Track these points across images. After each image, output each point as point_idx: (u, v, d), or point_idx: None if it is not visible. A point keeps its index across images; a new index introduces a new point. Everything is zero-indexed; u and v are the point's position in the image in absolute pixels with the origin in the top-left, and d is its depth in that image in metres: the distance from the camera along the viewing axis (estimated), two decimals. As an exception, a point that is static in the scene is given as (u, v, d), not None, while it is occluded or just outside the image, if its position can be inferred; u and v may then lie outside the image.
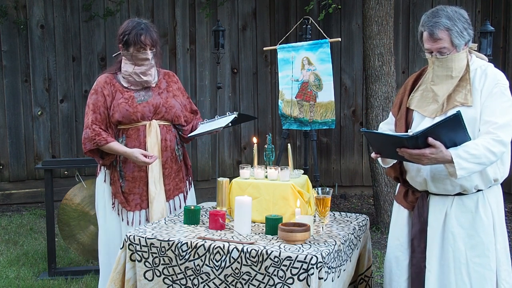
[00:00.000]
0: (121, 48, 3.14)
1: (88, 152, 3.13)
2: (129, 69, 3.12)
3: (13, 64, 6.25)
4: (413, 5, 6.59)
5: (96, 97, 3.11)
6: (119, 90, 3.12)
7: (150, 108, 3.11)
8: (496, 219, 2.56)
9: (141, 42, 3.06)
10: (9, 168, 6.33)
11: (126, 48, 3.10)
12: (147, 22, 3.15)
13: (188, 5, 6.68)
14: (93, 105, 3.11)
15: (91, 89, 3.17)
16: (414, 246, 2.63)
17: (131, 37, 3.06)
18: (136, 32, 3.06)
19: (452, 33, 2.46)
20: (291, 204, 2.71)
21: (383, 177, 5.27)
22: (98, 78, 3.19)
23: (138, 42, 3.06)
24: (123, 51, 3.13)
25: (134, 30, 3.07)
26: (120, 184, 3.11)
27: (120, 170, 3.11)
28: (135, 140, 3.09)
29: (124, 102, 3.09)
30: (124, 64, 3.14)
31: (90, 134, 3.07)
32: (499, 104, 2.45)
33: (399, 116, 2.71)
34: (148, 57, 3.10)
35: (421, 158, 2.36)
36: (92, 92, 3.15)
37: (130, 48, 3.08)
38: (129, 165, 3.10)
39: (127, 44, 3.08)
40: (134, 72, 3.11)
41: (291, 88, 4.73)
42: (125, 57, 3.13)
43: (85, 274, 4.28)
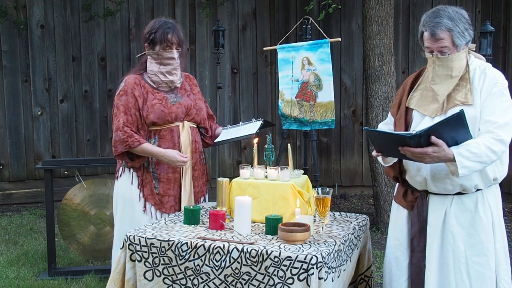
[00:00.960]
0: (147, 47, 3.10)
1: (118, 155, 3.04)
2: (154, 68, 3.08)
3: (13, 64, 6.25)
4: (413, 5, 6.59)
5: (126, 98, 3.03)
6: (149, 91, 3.07)
7: (182, 109, 3.10)
8: (495, 218, 2.57)
9: (168, 41, 3.04)
10: (9, 168, 6.33)
11: (152, 47, 3.07)
12: (173, 22, 3.13)
13: (188, 5, 6.68)
14: (124, 107, 3.02)
15: (119, 89, 3.08)
16: (414, 246, 2.63)
17: (157, 35, 3.04)
18: (163, 31, 3.04)
19: (454, 34, 2.47)
20: (291, 204, 2.70)
21: (383, 177, 5.27)
22: (126, 78, 3.11)
23: (165, 41, 3.04)
24: (149, 50, 3.09)
25: (161, 28, 3.05)
26: (154, 186, 3.06)
27: (153, 171, 3.06)
28: (169, 141, 3.06)
29: (158, 103, 3.05)
30: (150, 63, 3.10)
31: (122, 137, 2.99)
32: (499, 103, 2.46)
33: (398, 116, 2.71)
34: (174, 56, 3.07)
35: (423, 156, 2.37)
36: (121, 94, 3.06)
37: (156, 46, 3.06)
38: (162, 166, 3.06)
39: (154, 43, 3.06)
40: (160, 71, 3.07)
41: (291, 88, 4.73)
42: (151, 56, 3.09)
43: (85, 274, 4.28)
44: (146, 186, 3.06)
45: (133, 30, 6.56)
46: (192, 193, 3.14)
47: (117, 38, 6.53)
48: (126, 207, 3.09)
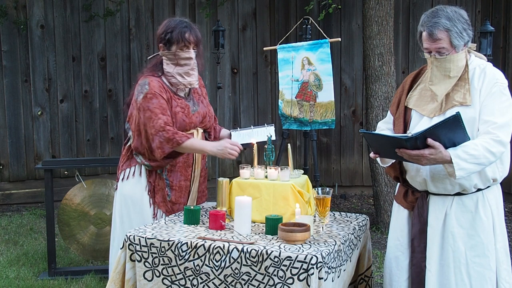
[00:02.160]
0: (162, 47, 3.01)
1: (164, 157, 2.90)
2: (171, 69, 2.99)
3: (13, 64, 6.25)
4: (413, 5, 6.59)
5: (158, 101, 2.90)
6: (172, 96, 2.99)
7: (200, 118, 3.07)
8: (496, 218, 2.56)
9: (185, 40, 2.95)
10: (9, 168, 6.33)
11: (168, 47, 2.98)
12: (189, 21, 3.05)
13: (188, 5, 6.68)
14: (159, 109, 2.89)
15: (145, 92, 2.92)
16: (414, 246, 2.63)
17: (174, 34, 2.95)
18: (180, 30, 2.95)
19: (452, 34, 2.46)
20: (291, 204, 2.70)
21: (383, 177, 5.27)
22: (149, 81, 2.95)
23: (182, 40, 2.95)
24: (164, 50, 3.00)
25: (177, 27, 2.96)
26: (166, 193, 3.02)
27: (166, 178, 3.01)
28: None
29: (181, 111, 2.98)
30: (166, 65, 3.01)
31: (166, 135, 2.85)
32: (498, 103, 2.45)
33: (397, 115, 2.71)
34: (191, 56, 2.99)
35: (420, 158, 2.36)
36: (149, 97, 2.90)
37: (173, 46, 2.97)
38: (175, 174, 3.02)
39: (170, 43, 2.96)
40: (177, 73, 2.98)
41: (291, 88, 4.73)
42: (166, 57, 3.00)
43: (85, 274, 4.28)
44: (158, 193, 3.01)
45: (133, 30, 6.56)
46: (196, 198, 3.15)
47: (117, 38, 6.53)
48: (133, 211, 3.02)
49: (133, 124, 2.99)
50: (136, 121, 2.97)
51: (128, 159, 3.06)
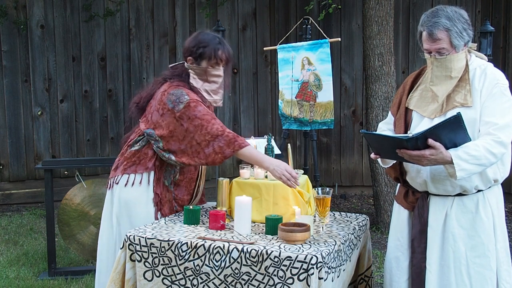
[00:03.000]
0: (191, 61, 2.91)
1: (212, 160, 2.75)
2: (198, 85, 2.91)
3: (13, 64, 6.25)
4: (413, 5, 6.59)
5: (203, 107, 2.80)
6: None
7: None
8: (497, 219, 2.56)
9: (218, 57, 2.88)
10: (9, 168, 6.33)
11: (199, 62, 2.89)
12: (221, 36, 2.98)
13: (188, 5, 6.68)
14: (209, 114, 2.78)
15: (188, 101, 2.78)
16: (415, 247, 2.62)
17: (207, 50, 2.86)
18: (214, 47, 2.87)
19: (452, 34, 2.46)
20: (291, 204, 2.70)
21: (383, 177, 5.27)
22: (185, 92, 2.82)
23: (215, 57, 2.87)
24: (193, 64, 2.91)
25: (211, 43, 2.88)
26: (173, 205, 2.97)
27: (172, 191, 2.96)
28: None
29: None
30: (193, 79, 2.92)
31: (227, 138, 2.72)
32: (499, 104, 2.44)
33: (398, 116, 2.70)
34: (221, 74, 2.93)
35: (421, 159, 2.36)
36: (193, 105, 2.78)
37: (203, 62, 2.88)
38: (181, 188, 2.97)
39: (201, 58, 2.87)
40: (204, 89, 2.91)
41: (291, 88, 4.73)
42: (194, 71, 2.91)
43: (85, 274, 4.28)
44: (165, 205, 2.94)
45: (133, 30, 6.56)
46: None
47: (117, 38, 6.54)
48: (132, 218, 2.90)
49: (165, 130, 2.83)
50: (171, 128, 2.81)
51: (133, 164, 2.92)
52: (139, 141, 2.94)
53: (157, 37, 6.64)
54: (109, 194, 3.01)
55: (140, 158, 2.92)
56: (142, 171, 2.90)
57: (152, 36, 6.61)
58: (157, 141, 2.86)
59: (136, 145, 2.94)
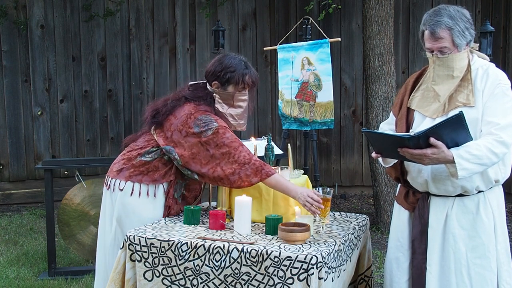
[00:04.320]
0: (216, 85, 2.87)
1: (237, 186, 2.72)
2: (223, 110, 2.87)
3: (13, 64, 6.25)
4: (413, 5, 6.59)
5: (232, 134, 2.76)
6: None
7: None
8: (497, 220, 2.55)
9: (245, 83, 2.85)
10: (9, 168, 6.33)
11: (225, 87, 2.86)
12: (246, 60, 2.93)
13: (188, 5, 6.68)
14: (237, 141, 2.74)
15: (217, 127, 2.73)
16: (415, 248, 2.62)
17: (235, 75, 2.83)
18: (242, 72, 2.84)
19: (454, 33, 2.45)
20: (291, 204, 2.70)
21: (383, 177, 5.27)
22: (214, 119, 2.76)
23: (242, 82, 2.84)
24: (218, 89, 2.87)
25: (239, 69, 2.85)
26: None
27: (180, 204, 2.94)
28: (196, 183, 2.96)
29: None
30: (218, 103, 2.88)
31: (254, 167, 2.68)
32: (501, 104, 2.43)
33: (399, 116, 2.70)
34: (247, 99, 2.91)
35: (422, 158, 2.35)
36: (222, 132, 2.72)
37: (230, 87, 2.86)
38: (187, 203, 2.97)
39: (228, 83, 2.84)
40: (229, 114, 2.87)
41: (290, 88, 4.73)
42: (220, 96, 2.87)
43: (85, 274, 4.28)
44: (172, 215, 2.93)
45: (133, 30, 6.56)
46: None
47: (117, 38, 6.53)
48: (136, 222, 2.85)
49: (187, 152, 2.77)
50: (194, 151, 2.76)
51: (140, 173, 2.86)
52: (151, 152, 2.88)
53: (157, 37, 6.64)
54: (108, 196, 2.95)
55: (149, 170, 2.86)
56: (149, 182, 2.85)
57: (152, 36, 6.61)
58: (176, 159, 2.81)
59: (148, 155, 2.88)
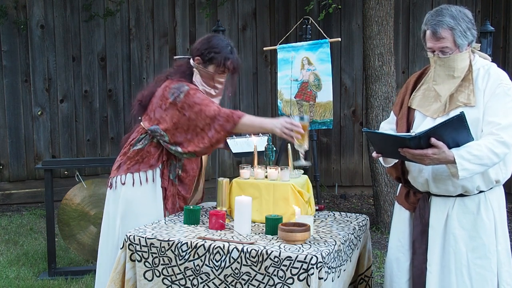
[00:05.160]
0: (199, 61, 2.96)
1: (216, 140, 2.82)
2: (198, 83, 2.96)
3: (13, 64, 6.25)
4: (413, 5, 6.59)
5: (202, 94, 2.87)
6: None
7: None
8: (498, 220, 2.55)
9: (226, 67, 2.94)
10: (9, 168, 6.33)
11: (206, 65, 2.95)
12: (233, 45, 3.00)
13: (188, 5, 6.68)
14: (207, 99, 2.85)
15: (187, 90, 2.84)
16: (415, 248, 2.62)
17: (218, 57, 2.91)
18: (225, 55, 2.92)
19: (455, 33, 2.45)
20: (291, 204, 2.70)
21: (383, 177, 5.27)
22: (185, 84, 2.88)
23: (223, 66, 2.93)
24: (200, 64, 2.96)
25: (223, 51, 2.93)
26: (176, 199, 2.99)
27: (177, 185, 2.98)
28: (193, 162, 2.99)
29: None
30: (195, 76, 2.98)
31: (224, 115, 2.80)
32: (502, 104, 2.43)
33: (400, 115, 2.70)
34: (223, 82, 2.99)
35: (423, 158, 2.35)
36: (192, 92, 2.84)
37: (210, 66, 2.94)
38: (185, 186, 3.00)
39: (210, 62, 2.93)
40: (203, 89, 2.96)
41: (290, 88, 4.73)
42: (199, 71, 2.97)
43: (85, 274, 4.28)
44: (169, 199, 2.96)
45: (133, 30, 6.56)
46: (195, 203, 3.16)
47: (117, 38, 6.54)
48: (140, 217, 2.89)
49: (169, 124, 2.86)
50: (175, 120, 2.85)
51: (137, 163, 2.92)
52: (141, 140, 2.95)
53: (157, 37, 6.64)
54: (112, 194, 2.97)
55: (143, 157, 2.93)
56: (146, 169, 2.92)
57: (152, 36, 6.61)
58: (162, 136, 2.88)
59: (138, 143, 2.95)
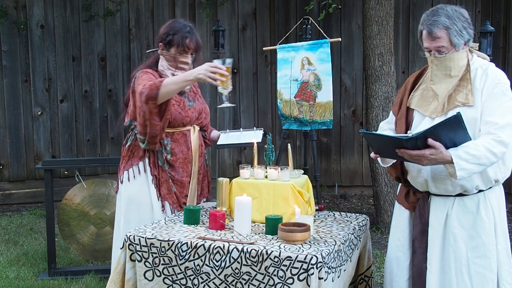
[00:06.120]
0: (162, 47, 3.06)
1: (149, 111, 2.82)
2: (165, 69, 3.05)
3: (13, 64, 6.25)
4: (413, 5, 6.59)
5: (148, 75, 2.94)
6: None
7: (195, 114, 3.08)
8: (497, 219, 2.55)
9: (186, 46, 3.00)
10: (9, 168, 6.33)
11: (168, 48, 3.03)
12: (192, 25, 3.08)
13: (188, 5, 6.68)
14: (147, 80, 2.89)
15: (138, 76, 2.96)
16: (415, 247, 2.62)
17: (176, 38, 2.99)
18: (182, 35, 3.00)
19: (451, 32, 2.46)
20: (291, 204, 2.70)
21: (383, 177, 5.27)
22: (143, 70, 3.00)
23: (182, 45, 2.99)
24: (163, 50, 3.05)
25: (180, 31, 3.01)
26: (171, 185, 3.03)
27: (168, 172, 3.02)
28: (182, 144, 3.04)
29: (176, 104, 3.00)
30: (163, 63, 3.07)
31: (147, 85, 2.82)
32: (500, 104, 2.44)
33: (399, 115, 2.71)
34: (188, 62, 3.04)
35: (420, 159, 2.36)
36: (140, 75, 2.96)
37: (172, 49, 3.02)
38: (178, 169, 3.03)
39: (170, 45, 3.01)
40: (171, 73, 3.02)
41: (289, 87, 4.73)
42: (164, 57, 3.06)
43: (85, 274, 4.28)
44: (162, 185, 3.02)
45: (133, 30, 6.56)
46: (196, 196, 3.15)
47: (117, 38, 6.54)
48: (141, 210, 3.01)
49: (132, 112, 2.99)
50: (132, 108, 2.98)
51: (129, 159, 3.06)
52: (129, 137, 3.09)
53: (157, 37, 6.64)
54: (118, 197, 3.12)
55: (133, 151, 3.06)
56: (137, 162, 3.04)
57: (152, 36, 6.61)
58: (135, 126, 2.99)
59: (128, 141, 3.10)
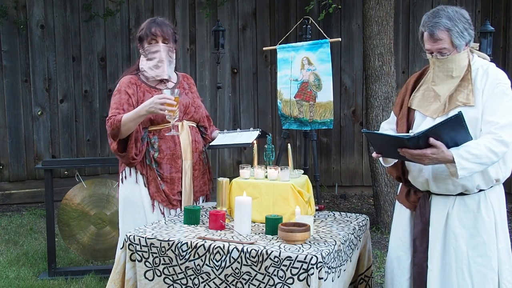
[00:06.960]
0: (139, 46, 3.17)
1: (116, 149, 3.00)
2: (144, 65, 3.13)
3: (13, 64, 6.25)
4: (413, 5, 6.60)
5: (120, 96, 3.06)
6: (146, 90, 3.09)
7: (180, 108, 3.07)
8: (498, 219, 2.56)
9: (152, 34, 3.08)
10: (9, 168, 6.33)
11: (142, 44, 3.14)
12: (163, 19, 3.18)
13: (188, 5, 6.68)
14: (116, 104, 3.05)
15: (114, 90, 3.13)
16: (416, 246, 2.63)
17: (143, 32, 3.12)
18: (148, 26, 3.12)
19: (453, 34, 2.46)
20: (291, 204, 2.70)
21: (383, 177, 5.27)
22: (121, 79, 3.15)
23: (149, 34, 3.09)
24: (140, 49, 3.16)
25: (146, 25, 3.13)
26: (159, 183, 3.05)
27: (156, 169, 3.05)
28: (169, 140, 3.05)
29: None
30: (141, 61, 3.16)
31: (109, 121, 2.99)
32: (501, 104, 2.44)
33: (400, 115, 2.71)
34: (159, 49, 3.09)
35: (422, 158, 2.36)
36: (114, 93, 3.11)
37: (144, 43, 3.12)
38: (166, 166, 3.05)
39: (141, 40, 3.13)
40: (148, 67, 3.11)
41: (289, 87, 4.73)
42: (142, 55, 3.16)
43: (85, 274, 4.28)
44: (151, 184, 3.04)
45: (133, 30, 6.56)
46: (192, 192, 3.13)
47: (117, 38, 6.54)
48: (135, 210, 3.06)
49: None
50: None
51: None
52: None
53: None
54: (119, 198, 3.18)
55: None
56: None
57: (152, 36, 6.61)
58: None
59: None
